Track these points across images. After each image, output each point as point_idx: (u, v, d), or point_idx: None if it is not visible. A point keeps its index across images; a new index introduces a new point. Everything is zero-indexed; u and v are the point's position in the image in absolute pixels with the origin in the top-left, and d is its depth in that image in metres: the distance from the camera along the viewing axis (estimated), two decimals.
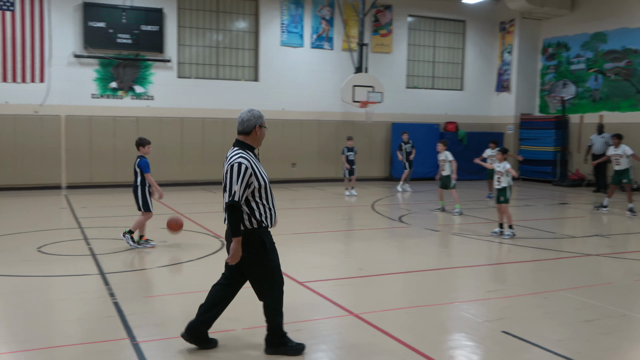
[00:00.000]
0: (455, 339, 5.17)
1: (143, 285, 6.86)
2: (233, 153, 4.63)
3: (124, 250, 8.62)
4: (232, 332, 5.23)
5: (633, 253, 8.97)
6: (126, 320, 5.48)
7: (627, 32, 18.42)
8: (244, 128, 4.73)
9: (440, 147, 13.19)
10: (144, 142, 8.94)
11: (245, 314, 5.76)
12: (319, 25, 19.46)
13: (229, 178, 4.47)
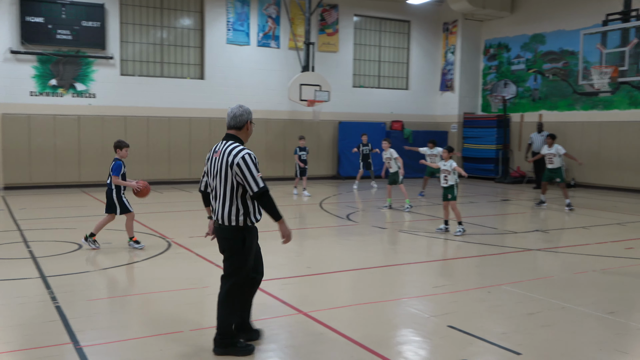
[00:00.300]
0: (402, 335, 5.24)
1: (86, 288, 6.68)
2: (233, 146, 4.63)
3: (66, 253, 8.37)
4: (180, 333, 5.15)
5: (571, 247, 9.31)
6: (69, 324, 5.33)
7: (564, 34, 19.09)
8: (237, 123, 4.78)
9: (385, 145, 13.37)
10: (121, 144, 8.78)
11: (193, 315, 5.69)
12: (265, 23, 19.39)
13: (245, 169, 4.49)
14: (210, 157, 4.78)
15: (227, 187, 4.59)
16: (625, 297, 6.52)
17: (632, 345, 5.00)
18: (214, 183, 4.68)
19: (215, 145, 4.83)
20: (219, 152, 4.66)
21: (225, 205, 4.60)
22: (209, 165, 4.76)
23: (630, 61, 14.80)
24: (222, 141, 4.75)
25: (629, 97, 17.42)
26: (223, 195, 4.60)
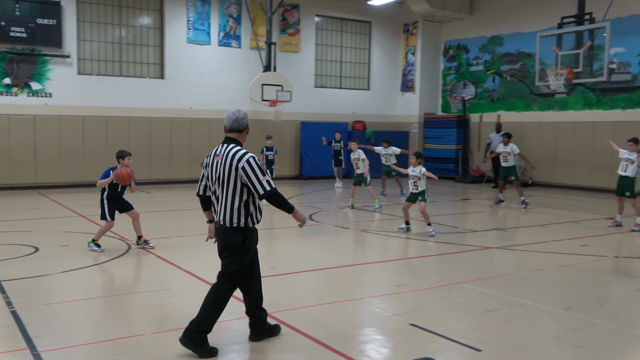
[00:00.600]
0: (365, 334, 5.27)
1: (43, 292, 6.52)
2: (236, 149, 4.69)
3: (22, 256, 8.16)
4: (141, 336, 5.08)
5: (529, 245, 9.51)
6: (25, 329, 5.19)
7: (521, 36, 19.50)
8: (239, 126, 4.84)
9: (354, 146, 13.43)
10: (123, 154, 8.68)
11: (155, 318, 5.61)
12: (227, 23, 19.26)
13: (251, 173, 4.56)
14: (210, 162, 4.80)
15: (230, 189, 4.64)
16: (581, 293, 6.70)
17: (587, 340, 5.14)
18: (216, 186, 4.73)
19: (215, 148, 4.86)
20: (220, 155, 4.72)
21: (227, 206, 4.66)
22: (210, 169, 4.78)
23: (584, 63, 15.19)
24: (222, 144, 4.80)
25: (583, 98, 17.90)
26: (226, 197, 4.66)
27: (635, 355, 4.83)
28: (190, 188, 17.25)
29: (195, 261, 8.00)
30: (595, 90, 17.47)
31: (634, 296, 6.74)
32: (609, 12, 15.42)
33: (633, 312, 6.20)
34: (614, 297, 6.75)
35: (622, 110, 16.92)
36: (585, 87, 17.29)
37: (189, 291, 6.60)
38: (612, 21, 15.05)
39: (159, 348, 4.84)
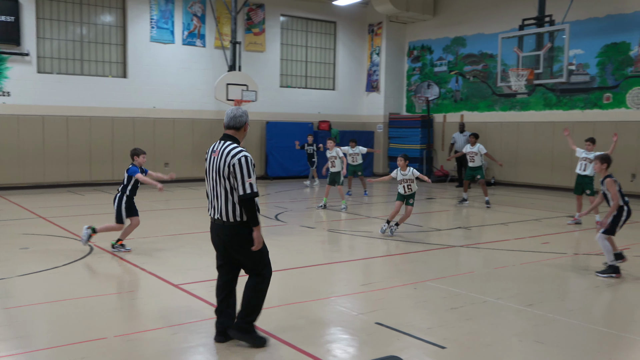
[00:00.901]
0: (331, 333, 5.29)
1: (1, 297, 6.36)
2: (231, 147, 4.76)
3: None
4: (104, 340, 4.99)
5: (492, 243, 9.67)
6: None
7: (483, 37, 19.80)
8: (236, 123, 4.91)
9: (331, 145, 13.41)
10: (138, 152, 8.60)
11: (118, 321, 5.53)
12: (191, 21, 19.07)
13: (238, 171, 4.62)
14: (208, 156, 4.89)
15: (227, 185, 4.70)
16: (542, 289, 6.84)
17: (548, 336, 5.25)
18: (214, 182, 4.79)
19: (212, 145, 4.93)
20: (217, 151, 4.80)
21: (228, 202, 4.71)
22: (208, 165, 4.87)
23: (544, 64, 15.51)
24: (219, 141, 4.88)
25: (543, 98, 18.27)
26: (225, 193, 4.72)
27: (593, 349, 4.96)
28: (153, 189, 17.04)
29: (160, 263, 7.90)
30: (555, 91, 17.85)
31: (592, 292, 6.91)
32: (568, 15, 15.78)
33: (591, 308, 6.36)
34: (573, 293, 6.91)
35: (581, 111, 17.32)
36: (546, 87, 17.65)
37: (153, 293, 6.52)
38: (571, 24, 15.40)
39: (123, 351, 4.77)
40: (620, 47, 16.37)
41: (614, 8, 16.41)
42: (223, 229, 4.79)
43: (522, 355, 4.85)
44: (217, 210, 4.77)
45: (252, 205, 4.66)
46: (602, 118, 16.71)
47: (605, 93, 16.76)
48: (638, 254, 8.80)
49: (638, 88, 16.01)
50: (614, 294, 6.87)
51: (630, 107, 16.22)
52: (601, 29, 16.66)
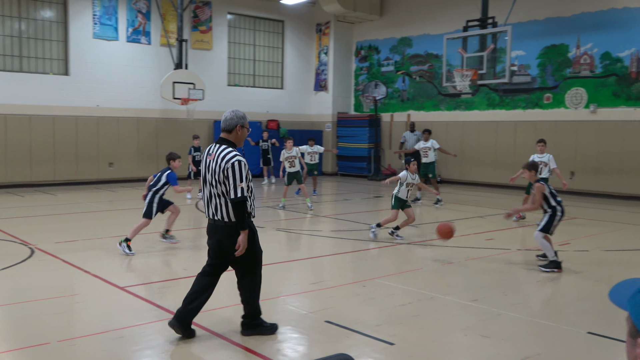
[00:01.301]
0: (281, 332, 5.27)
1: None
2: (226, 151, 4.87)
3: None
4: (46, 345, 4.84)
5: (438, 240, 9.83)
6: None
7: (429, 38, 20.14)
8: (227, 126, 4.99)
9: (290, 144, 13.31)
10: (174, 156, 8.95)
11: (61, 326, 5.37)
12: (135, 18, 18.68)
13: (231, 175, 4.76)
14: (205, 159, 5.03)
15: (224, 188, 4.83)
16: (487, 285, 7.01)
17: (493, 330, 5.38)
18: (209, 184, 4.92)
19: (209, 147, 5.06)
20: (213, 154, 4.92)
21: (226, 203, 4.85)
22: (204, 167, 5.01)
23: (487, 65, 15.89)
24: (215, 144, 5.00)
25: (487, 98, 18.72)
26: (222, 195, 4.86)
27: (536, 342, 5.11)
28: (98, 189, 16.64)
29: (104, 265, 7.72)
30: (498, 91, 18.31)
31: (535, 286, 7.12)
32: (510, 17, 16.21)
33: (534, 302, 6.56)
34: (516, 288, 7.10)
35: (523, 110, 17.84)
36: (489, 88, 18.09)
37: (97, 296, 6.36)
38: (513, 25, 15.83)
39: (67, 357, 4.63)
40: (560, 49, 16.93)
41: (553, 11, 16.96)
42: (223, 229, 4.92)
43: (468, 349, 4.96)
44: (217, 211, 4.91)
45: (242, 208, 4.80)
46: (543, 117, 17.25)
47: (545, 93, 17.31)
48: (578, 249, 9.13)
49: (576, 89, 16.60)
50: (555, 288, 7.10)
51: (569, 107, 16.80)
52: (541, 31, 17.20)
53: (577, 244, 9.54)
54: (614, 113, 15.86)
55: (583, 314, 5.92)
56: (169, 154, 9.15)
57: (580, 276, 7.51)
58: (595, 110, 16.17)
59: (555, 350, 4.95)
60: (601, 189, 16.06)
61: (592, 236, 10.29)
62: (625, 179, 15.63)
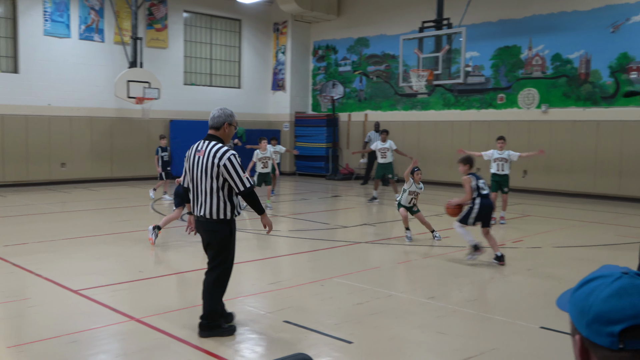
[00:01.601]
0: (239, 333, 5.24)
1: None
2: (217, 146, 4.97)
3: None
4: None
5: (396, 239, 9.94)
6: None
7: (386, 38, 20.32)
8: (215, 123, 5.11)
9: (264, 145, 13.00)
10: None
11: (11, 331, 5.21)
12: (88, 15, 18.26)
13: (232, 170, 4.89)
14: (191, 155, 5.10)
15: (213, 184, 4.93)
16: (443, 282, 7.11)
17: (449, 326, 5.46)
18: (198, 180, 5.01)
19: (196, 144, 5.12)
20: (202, 151, 5.00)
21: (213, 200, 4.94)
22: (191, 163, 5.07)
23: (443, 65, 16.12)
24: (203, 141, 5.10)
25: (443, 98, 19.00)
26: (210, 192, 4.94)
27: (491, 338, 5.21)
28: (50, 191, 16.21)
29: (56, 268, 7.52)
30: (453, 91, 18.61)
31: (489, 283, 7.27)
32: (465, 19, 16.48)
33: (489, 298, 6.69)
34: (472, 285, 7.23)
35: (477, 110, 18.17)
36: (445, 88, 18.36)
37: (50, 299, 6.19)
38: (468, 27, 16.10)
39: None
40: (512, 51, 17.31)
41: (506, 13, 17.33)
42: (204, 224, 5.04)
43: (425, 346, 5.02)
44: (201, 208, 5.00)
45: (255, 197, 5.04)
46: (496, 117, 17.60)
47: (499, 94, 17.67)
48: (530, 246, 9.35)
49: (528, 89, 17.00)
50: (509, 285, 7.25)
51: (521, 107, 17.19)
52: (495, 33, 17.55)
53: (529, 241, 9.77)
54: (564, 113, 16.30)
55: (536, 310, 6.06)
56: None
57: (533, 272, 7.69)
58: (546, 110, 16.60)
59: (509, 345, 5.05)
60: (553, 187, 16.49)
61: (544, 233, 10.55)
62: (575, 177, 16.09)
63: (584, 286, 1.32)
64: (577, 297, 1.32)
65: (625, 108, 15.09)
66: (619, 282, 1.27)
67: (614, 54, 15.29)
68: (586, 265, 7.99)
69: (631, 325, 1.22)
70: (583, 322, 1.28)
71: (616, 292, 1.25)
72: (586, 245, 9.48)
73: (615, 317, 1.23)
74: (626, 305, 1.23)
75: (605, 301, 1.25)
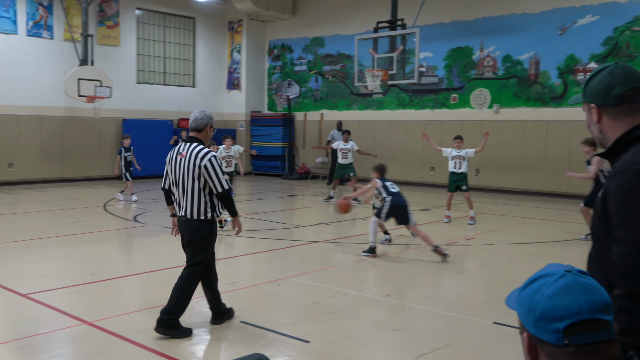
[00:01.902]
0: (195, 335, 5.18)
1: None
2: (199, 148, 5.08)
3: None
4: None
5: (352, 237, 10.00)
6: None
7: (341, 38, 20.41)
8: (197, 125, 5.21)
9: (229, 143, 12.63)
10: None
11: None
12: (36, 11, 17.75)
13: (212, 171, 5.00)
14: (173, 158, 5.18)
15: (195, 185, 5.03)
16: (399, 280, 7.20)
17: (405, 324, 5.53)
18: (181, 182, 5.10)
19: (177, 146, 5.22)
20: (184, 153, 5.10)
21: (194, 201, 5.06)
22: (174, 165, 5.16)
23: (397, 66, 16.30)
24: (185, 143, 5.18)
25: (397, 98, 19.21)
26: (192, 192, 5.05)
27: (446, 334, 5.29)
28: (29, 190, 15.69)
29: (4, 271, 7.30)
30: (407, 91, 18.83)
31: (443, 280, 7.39)
32: (418, 20, 16.71)
33: (443, 295, 6.80)
34: (427, 282, 7.34)
35: (431, 110, 18.43)
36: (399, 88, 18.56)
37: None
38: (421, 28, 16.32)
39: None
40: (465, 51, 17.63)
41: (459, 15, 17.64)
42: (185, 223, 5.13)
43: (381, 343, 5.07)
44: (185, 209, 5.09)
45: (230, 199, 5.16)
46: (450, 117, 17.90)
47: (452, 94, 17.97)
48: (483, 243, 9.55)
49: (480, 89, 17.35)
50: (462, 281, 7.39)
51: (473, 107, 17.52)
52: (447, 34, 17.84)
53: (482, 238, 9.98)
54: (515, 113, 16.70)
55: (489, 305, 6.19)
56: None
57: (486, 269, 7.85)
58: (498, 110, 16.97)
59: (464, 341, 5.15)
60: (504, 185, 16.87)
61: (496, 231, 10.78)
62: (526, 176, 16.50)
63: (529, 285, 1.37)
64: (524, 296, 1.36)
65: (573, 108, 15.54)
66: (562, 280, 1.32)
67: (562, 55, 15.75)
68: (536, 262, 8.21)
69: (575, 322, 1.27)
70: (530, 320, 1.33)
71: (560, 290, 1.30)
72: (536, 242, 9.73)
73: (560, 314, 1.28)
74: (569, 303, 1.28)
75: (549, 299, 1.30)
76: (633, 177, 1.93)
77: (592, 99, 2.11)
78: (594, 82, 2.11)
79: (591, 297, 1.29)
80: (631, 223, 1.90)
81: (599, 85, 2.08)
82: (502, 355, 4.81)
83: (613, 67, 2.09)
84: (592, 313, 1.27)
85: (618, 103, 2.05)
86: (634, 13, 14.59)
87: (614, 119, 2.08)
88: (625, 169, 1.96)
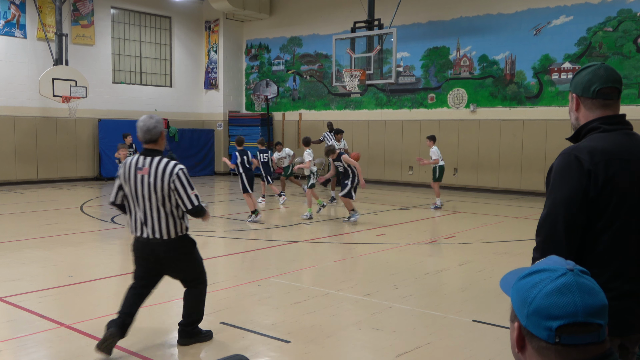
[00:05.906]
0: (175, 337, 5.14)
1: None
2: (164, 162, 4.52)
3: None
4: None
5: (332, 237, 10.01)
6: None
7: (319, 38, 20.42)
8: (152, 136, 4.57)
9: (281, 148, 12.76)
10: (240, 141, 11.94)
11: None
12: (8, 10, 17.46)
13: (180, 186, 4.49)
14: (131, 174, 4.54)
15: (166, 203, 4.53)
16: (378, 279, 7.22)
17: (385, 322, 5.55)
18: (146, 201, 4.53)
19: (131, 159, 4.59)
20: (145, 169, 4.50)
21: (167, 219, 4.57)
22: (133, 183, 4.53)
23: (375, 66, 16.35)
24: (142, 157, 4.56)
25: (375, 98, 19.27)
26: (164, 211, 4.55)
27: (426, 332, 5.33)
28: None
29: None
30: (385, 91, 18.90)
31: (423, 279, 7.43)
32: (395, 20, 16.78)
33: (423, 294, 6.84)
34: (406, 281, 7.37)
35: (409, 110, 18.53)
36: (377, 88, 18.62)
37: None
38: (398, 28, 16.40)
39: None
40: (441, 51, 17.75)
41: (435, 15, 17.75)
42: (161, 245, 4.60)
43: (362, 342, 5.08)
44: (153, 229, 4.56)
45: (202, 214, 4.68)
46: (427, 117, 18.01)
47: (429, 93, 18.08)
48: (461, 241, 9.62)
49: (457, 89, 17.48)
50: (441, 280, 7.44)
51: (450, 107, 17.66)
52: (424, 34, 17.95)
53: (461, 237, 10.06)
54: (491, 112, 16.86)
55: (467, 303, 6.25)
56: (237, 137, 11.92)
57: (464, 267, 7.92)
58: (474, 110, 17.12)
59: (443, 339, 5.18)
60: (481, 184, 17.03)
61: (474, 229, 10.88)
62: (502, 175, 16.67)
63: (529, 276, 1.35)
64: (521, 286, 1.35)
65: (548, 107, 15.76)
66: (562, 279, 1.30)
67: (537, 55, 15.94)
68: (514, 260, 8.30)
69: (569, 323, 1.27)
70: (524, 312, 1.32)
71: (559, 289, 1.29)
72: (514, 240, 9.84)
73: (555, 313, 1.28)
74: (566, 303, 1.28)
75: (547, 296, 1.29)
76: (570, 159, 2.34)
77: (575, 89, 2.53)
78: (579, 76, 2.51)
79: (589, 301, 1.28)
80: (553, 194, 2.36)
81: (583, 79, 2.49)
82: (482, 352, 4.85)
83: (598, 66, 2.49)
84: (587, 317, 1.27)
85: (594, 97, 2.45)
86: (606, 14, 14.83)
87: (588, 110, 2.49)
88: (568, 151, 2.38)
